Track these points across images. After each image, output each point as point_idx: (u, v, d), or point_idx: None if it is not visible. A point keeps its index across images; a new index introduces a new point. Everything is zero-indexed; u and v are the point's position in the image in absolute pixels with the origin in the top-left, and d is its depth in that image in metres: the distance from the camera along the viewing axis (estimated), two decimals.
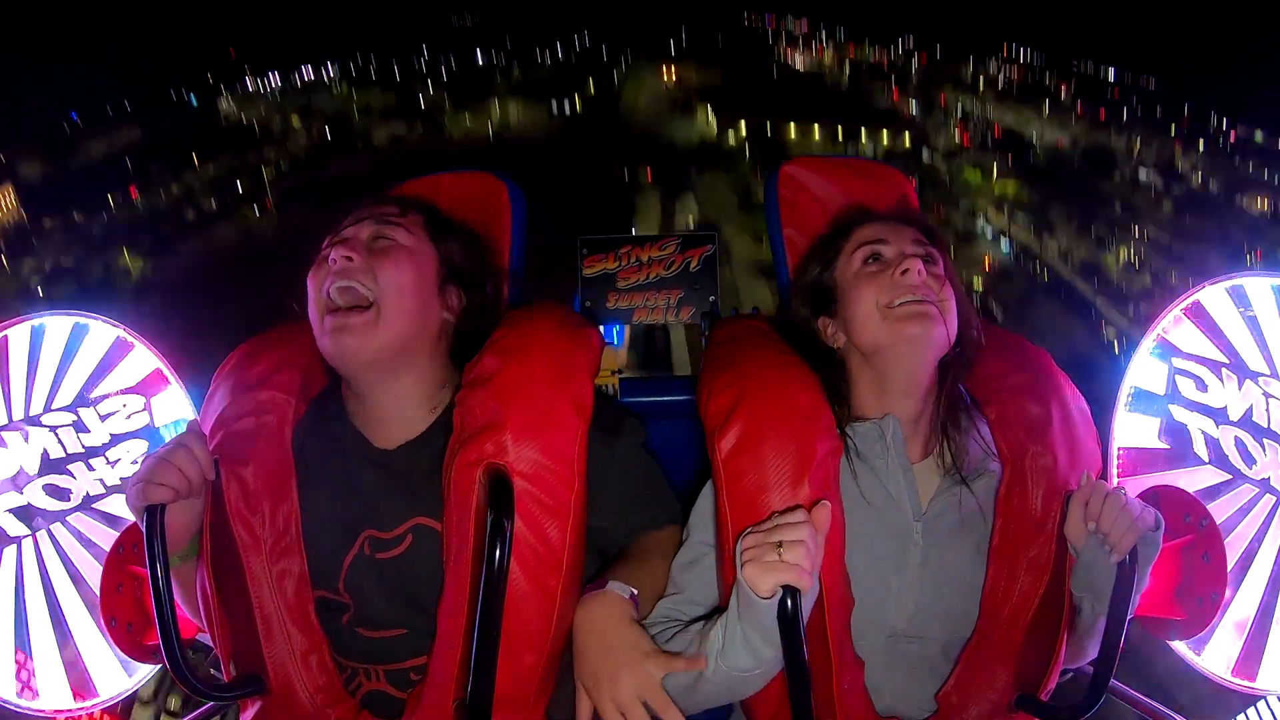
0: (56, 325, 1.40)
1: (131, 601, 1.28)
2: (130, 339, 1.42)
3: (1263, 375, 1.29)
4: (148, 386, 1.43)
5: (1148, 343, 1.40)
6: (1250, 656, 1.28)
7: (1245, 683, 1.28)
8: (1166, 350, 1.38)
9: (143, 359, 1.43)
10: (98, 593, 1.29)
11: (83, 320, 1.41)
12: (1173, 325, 1.38)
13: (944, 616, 1.13)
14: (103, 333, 1.41)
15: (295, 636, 1.08)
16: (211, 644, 1.12)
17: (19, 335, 1.39)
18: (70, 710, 1.37)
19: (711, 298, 1.75)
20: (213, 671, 1.19)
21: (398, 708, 1.08)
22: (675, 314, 1.76)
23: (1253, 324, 1.31)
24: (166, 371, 1.44)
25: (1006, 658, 1.10)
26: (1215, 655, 1.30)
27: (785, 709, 0.99)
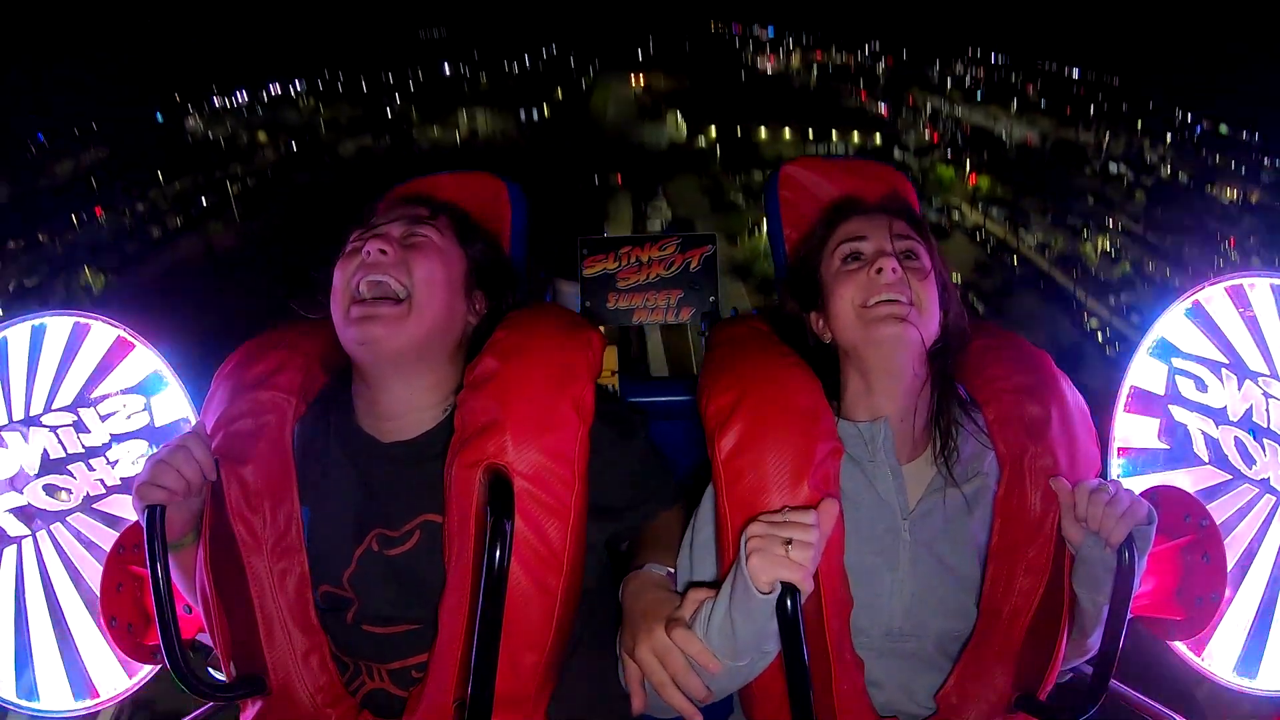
0: (57, 325, 1.40)
1: (131, 601, 1.28)
2: (131, 339, 1.42)
3: (1262, 375, 1.29)
4: (148, 387, 1.43)
5: (1147, 343, 1.40)
6: (1250, 656, 1.28)
7: (1245, 683, 1.28)
8: (1166, 350, 1.38)
9: (143, 359, 1.43)
10: (98, 593, 1.29)
11: (83, 320, 1.41)
12: (1172, 325, 1.38)
13: (939, 612, 1.13)
14: (103, 333, 1.41)
15: (296, 636, 1.09)
16: (211, 644, 1.12)
17: (19, 335, 1.40)
18: (70, 711, 1.37)
19: (711, 298, 1.75)
20: (212, 671, 1.19)
21: (398, 706, 1.08)
22: (675, 314, 1.76)
23: (1252, 324, 1.31)
24: (167, 372, 1.44)
25: (1006, 658, 1.10)
26: (1215, 655, 1.30)
27: (785, 709, 0.99)
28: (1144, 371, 1.40)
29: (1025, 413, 1.14)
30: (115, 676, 1.37)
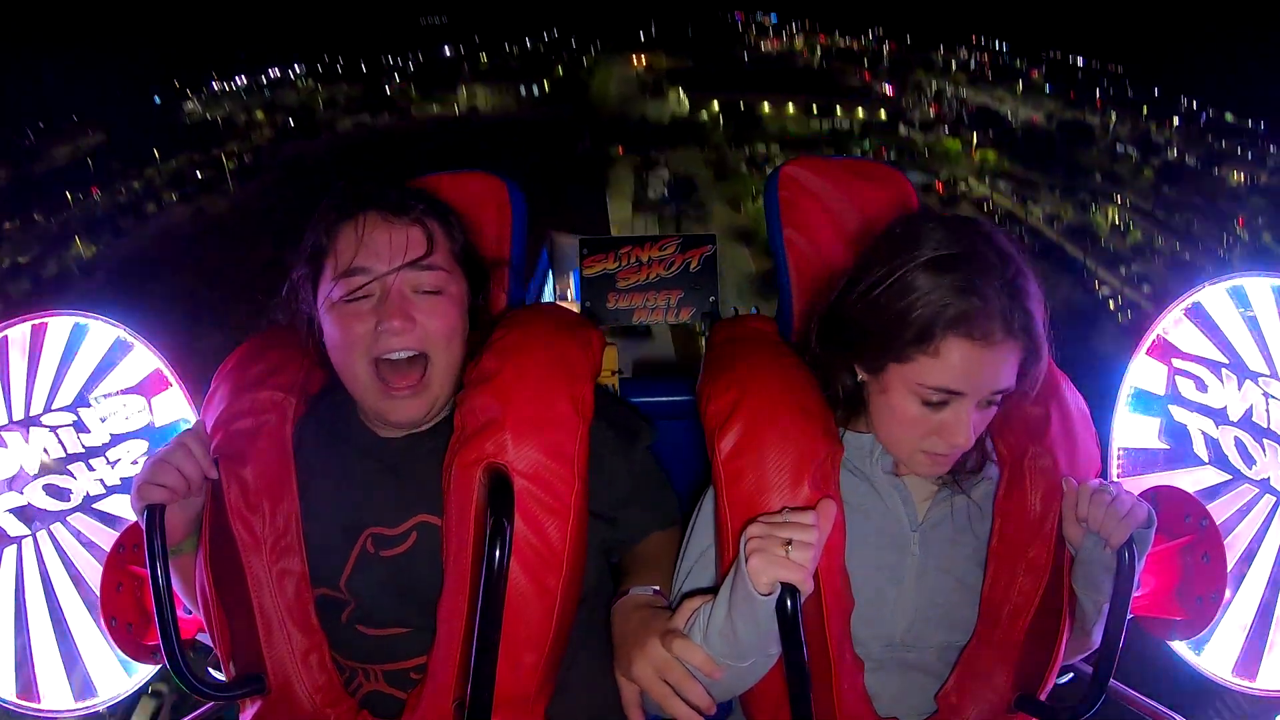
0: (57, 325, 1.40)
1: (131, 601, 1.28)
2: (130, 339, 1.42)
3: (1262, 375, 1.29)
4: (148, 387, 1.43)
5: (1147, 343, 1.40)
6: (1250, 656, 1.28)
7: (1245, 683, 1.28)
8: (1166, 351, 1.38)
9: (143, 359, 1.43)
10: (98, 593, 1.29)
11: (83, 320, 1.41)
12: (1172, 325, 1.38)
13: (942, 625, 1.12)
14: (103, 333, 1.41)
15: (295, 636, 1.08)
16: (211, 644, 1.12)
17: (19, 335, 1.39)
18: (70, 711, 1.37)
19: (711, 298, 1.75)
20: (212, 671, 1.19)
21: (397, 707, 1.08)
22: (675, 314, 1.76)
23: (1252, 324, 1.31)
24: (167, 372, 1.44)
25: (1006, 658, 1.09)
26: (1215, 655, 1.30)
27: (785, 709, 0.99)
28: (1144, 372, 1.40)
29: (1024, 412, 1.14)
30: (115, 676, 1.37)
